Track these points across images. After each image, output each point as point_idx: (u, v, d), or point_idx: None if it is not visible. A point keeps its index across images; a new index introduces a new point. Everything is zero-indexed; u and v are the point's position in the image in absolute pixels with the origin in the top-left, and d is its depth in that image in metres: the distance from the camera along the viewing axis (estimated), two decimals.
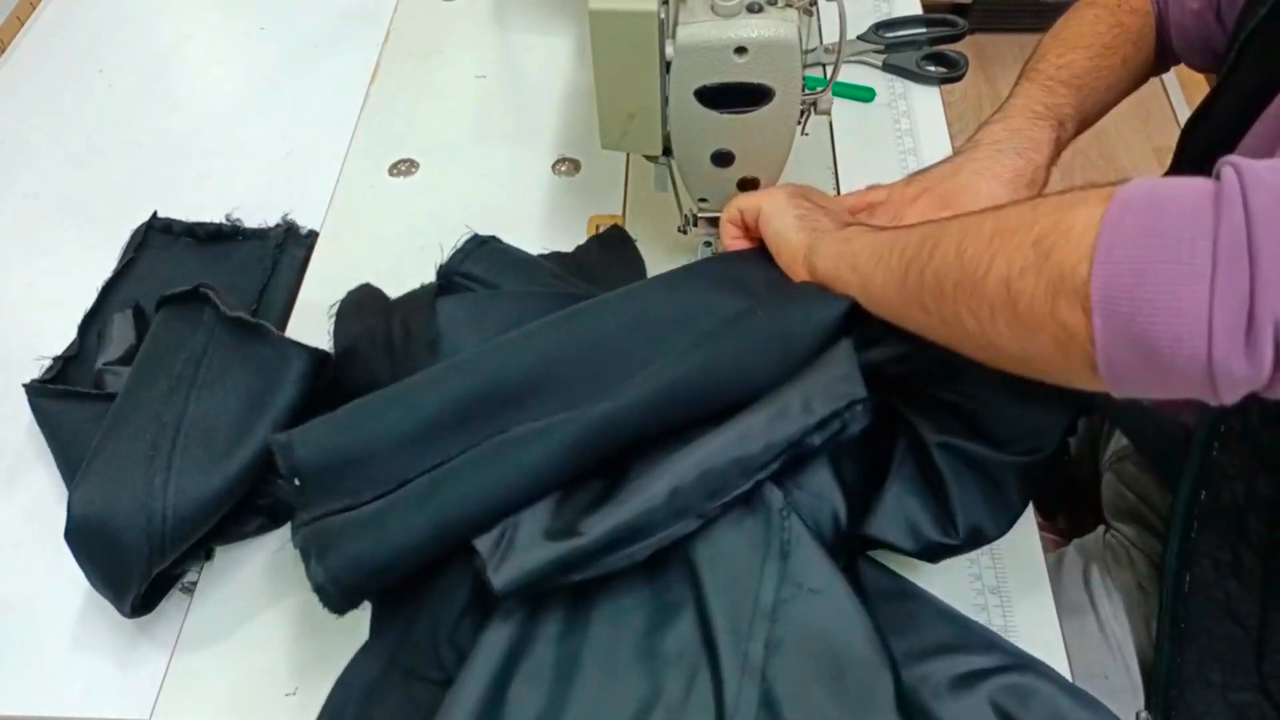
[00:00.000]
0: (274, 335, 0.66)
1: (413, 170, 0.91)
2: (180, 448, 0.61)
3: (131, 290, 0.81)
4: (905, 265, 0.54)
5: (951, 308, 0.51)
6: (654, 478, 0.56)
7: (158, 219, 0.86)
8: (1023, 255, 0.46)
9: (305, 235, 0.85)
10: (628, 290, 0.65)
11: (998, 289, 0.48)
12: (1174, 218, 0.42)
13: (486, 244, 0.74)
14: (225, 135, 0.95)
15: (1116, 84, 0.85)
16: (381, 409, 0.59)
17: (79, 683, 0.63)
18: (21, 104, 0.98)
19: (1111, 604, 0.79)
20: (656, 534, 0.55)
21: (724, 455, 0.56)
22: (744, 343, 0.60)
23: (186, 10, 1.09)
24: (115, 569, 0.60)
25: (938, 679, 0.57)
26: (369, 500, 0.57)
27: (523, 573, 0.54)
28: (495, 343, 0.62)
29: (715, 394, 0.59)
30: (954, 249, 0.51)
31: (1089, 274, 0.43)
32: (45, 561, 0.67)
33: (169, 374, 0.65)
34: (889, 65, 0.97)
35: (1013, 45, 2.21)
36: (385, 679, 0.58)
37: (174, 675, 0.63)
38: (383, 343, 0.66)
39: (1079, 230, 0.44)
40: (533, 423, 0.58)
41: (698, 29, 0.60)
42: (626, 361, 0.60)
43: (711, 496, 0.56)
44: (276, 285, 0.81)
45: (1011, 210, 0.50)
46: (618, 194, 0.88)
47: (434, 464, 0.57)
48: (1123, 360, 0.43)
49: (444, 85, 0.98)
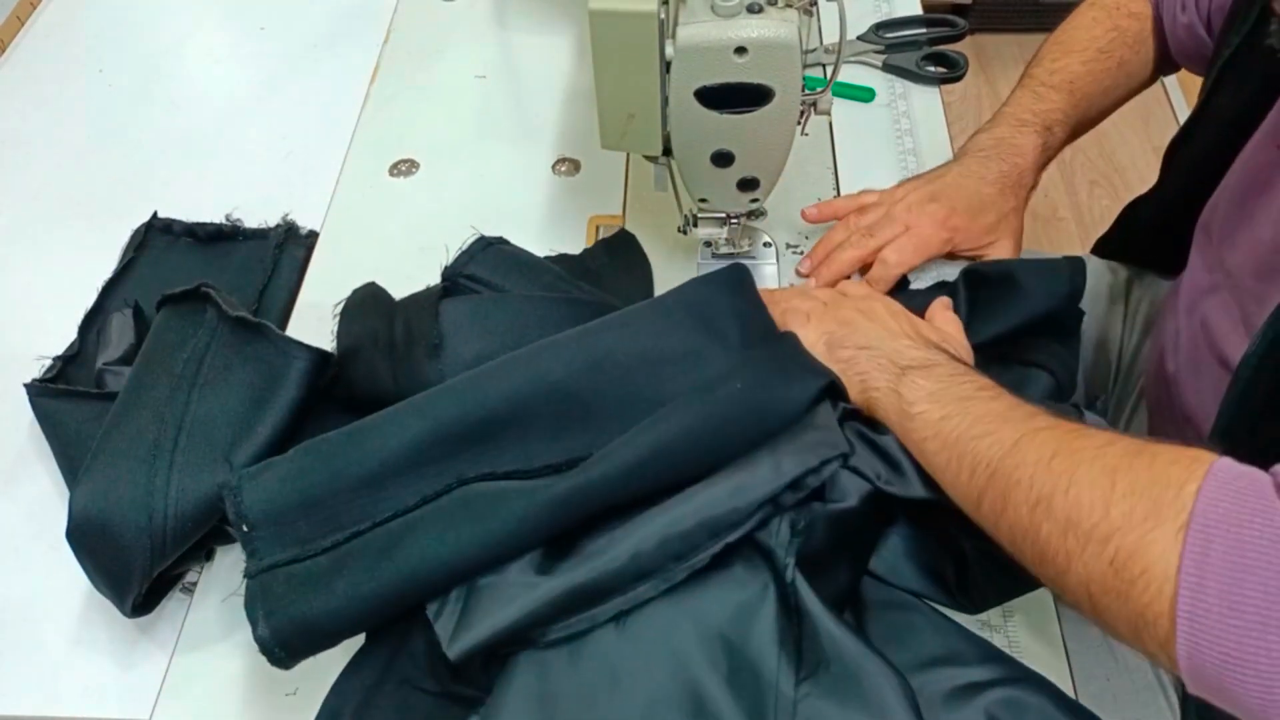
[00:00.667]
0: (276, 334, 0.65)
1: (413, 170, 0.91)
2: (182, 446, 0.61)
3: (132, 290, 0.81)
4: (978, 495, 0.54)
5: (1032, 563, 0.52)
6: (616, 540, 0.55)
7: (158, 219, 0.86)
8: (1101, 573, 0.46)
9: (305, 235, 0.85)
10: (595, 326, 0.64)
11: (1079, 592, 0.48)
12: (1256, 596, 0.41)
13: (492, 246, 0.74)
14: (225, 135, 0.95)
15: (1113, 87, 0.85)
16: (334, 452, 0.57)
17: (79, 683, 0.63)
18: (21, 104, 0.98)
19: None
20: (616, 596, 0.54)
21: (690, 519, 0.55)
22: (720, 419, 0.58)
23: (186, 10, 1.09)
24: (116, 568, 0.60)
25: (934, 690, 0.56)
26: (319, 552, 0.55)
27: (477, 641, 0.53)
28: (453, 383, 0.60)
29: (687, 468, 0.58)
30: (1027, 518, 0.50)
31: (1172, 634, 0.43)
32: (45, 561, 0.67)
33: (171, 373, 0.65)
34: (889, 65, 0.97)
35: (1013, 45, 2.21)
36: (380, 686, 0.57)
37: (174, 675, 0.63)
38: (385, 344, 0.66)
39: (1158, 576, 0.44)
40: (496, 483, 0.57)
41: (698, 29, 0.60)
42: (586, 407, 0.60)
43: (676, 559, 0.54)
44: (277, 285, 0.81)
45: (1084, 482, 0.48)
46: (618, 194, 0.88)
47: (390, 512, 0.56)
48: (1213, 697, 0.44)
49: (444, 85, 0.98)
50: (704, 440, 0.58)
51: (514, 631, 0.53)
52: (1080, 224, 1.94)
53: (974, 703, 0.56)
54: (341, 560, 0.55)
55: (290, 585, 0.54)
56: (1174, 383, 0.77)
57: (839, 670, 0.53)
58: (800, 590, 0.55)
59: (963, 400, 0.57)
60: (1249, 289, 0.68)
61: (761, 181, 0.70)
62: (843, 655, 0.53)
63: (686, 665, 0.53)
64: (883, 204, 0.79)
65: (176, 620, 0.65)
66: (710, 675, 0.53)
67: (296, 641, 0.54)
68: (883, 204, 0.79)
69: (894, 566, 0.63)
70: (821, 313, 0.67)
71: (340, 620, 0.55)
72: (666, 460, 0.57)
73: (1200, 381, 0.74)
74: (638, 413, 0.59)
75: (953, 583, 0.62)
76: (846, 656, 0.53)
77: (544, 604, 0.53)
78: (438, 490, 0.57)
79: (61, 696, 0.63)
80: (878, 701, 0.51)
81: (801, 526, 0.56)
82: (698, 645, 0.54)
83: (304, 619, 0.54)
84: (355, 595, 0.54)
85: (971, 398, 0.57)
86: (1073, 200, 1.99)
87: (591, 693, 0.53)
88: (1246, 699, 0.42)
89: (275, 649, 0.53)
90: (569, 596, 0.54)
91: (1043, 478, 0.50)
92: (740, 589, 0.55)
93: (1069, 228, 1.94)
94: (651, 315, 0.65)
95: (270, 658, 0.54)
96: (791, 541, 0.55)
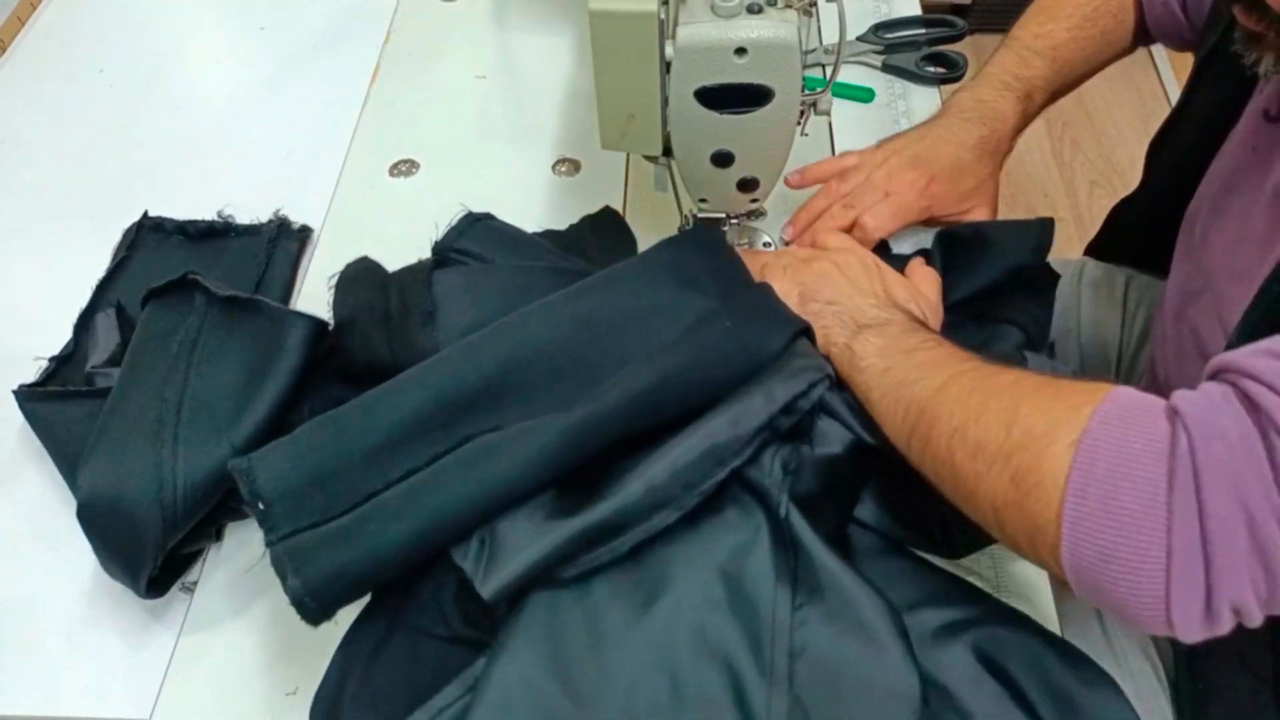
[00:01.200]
0: (270, 306, 0.66)
1: (413, 170, 0.91)
2: (185, 420, 0.62)
3: (125, 289, 0.81)
4: (909, 432, 0.58)
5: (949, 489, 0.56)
6: (629, 479, 0.56)
7: (149, 218, 0.86)
8: (1004, 489, 0.50)
9: (298, 230, 0.85)
10: (576, 289, 0.65)
11: (986, 509, 0.52)
12: (1131, 502, 0.46)
13: (480, 221, 0.75)
14: (225, 135, 0.95)
15: (1094, 55, 0.86)
16: (341, 426, 0.59)
17: (79, 683, 0.63)
18: (21, 104, 0.98)
19: None
20: (634, 528, 0.56)
21: (695, 450, 0.57)
22: (711, 352, 0.61)
23: (186, 10, 1.09)
24: (129, 544, 0.61)
25: (921, 629, 0.58)
26: (337, 515, 0.56)
27: (509, 579, 0.54)
28: (450, 351, 0.62)
29: (685, 399, 0.60)
30: (945, 446, 0.54)
31: (1058, 538, 0.47)
32: (45, 561, 0.67)
33: (166, 355, 0.65)
34: (888, 66, 0.97)
35: None
36: (390, 637, 0.58)
37: (174, 675, 0.63)
38: (380, 315, 0.67)
39: (1049, 486, 0.48)
40: (505, 429, 0.58)
41: (698, 29, 0.60)
42: (580, 364, 0.61)
43: (687, 488, 0.56)
44: (271, 280, 0.81)
45: (994, 410, 0.52)
46: (618, 194, 0.88)
47: (399, 475, 0.57)
48: (1091, 597, 0.49)
49: (444, 85, 0.98)
50: (700, 369, 0.60)
51: (542, 567, 0.55)
52: (1080, 224, 1.95)
53: (960, 639, 0.58)
54: (365, 516, 0.56)
55: (315, 541, 0.56)
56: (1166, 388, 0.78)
57: (833, 598, 0.55)
58: (794, 524, 0.57)
59: (906, 353, 0.60)
60: (1223, 291, 0.68)
61: (761, 182, 0.70)
62: (837, 584, 0.55)
63: (689, 600, 0.55)
64: (863, 168, 0.80)
65: (176, 621, 0.65)
66: (711, 609, 0.55)
67: (326, 591, 0.55)
68: (863, 168, 0.80)
69: (878, 517, 0.65)
70: (797, 266, 0.70)
71: (367, 567, 0.56)
72: (667, 389, 0.59)
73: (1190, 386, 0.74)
74: (629, 363, 0.61)
75: (937, 531, 0.64)
76: (840, 585, 0.55)
77: (568, 540, 0.55)
78: (448, 447, 0.58)
79: (61, 696, 0.63)
80: (869, 626, 0.54)
81: (793, 467, 0.59)
82: (699, 582, 0.56)
83: (333, 568, 0.55)
84: (381, 543, 0.55)
85: (914, 349, 0.60)
86: (1072, 200, 1.99)
87: (599, 628, 0.55)
88: (1115, 592, 0.46)
89: (306, 599, 0.55)
90: (591, 531, 0.55)
91: (960, 410, 0.54)
92: (736, 531, 0.58)
93: (1069, 228, 1.94)
94: (631, 274, 0.67)
95: (300, 609, 0.55)
96: (784, 480, 0.58)
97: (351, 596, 0.57)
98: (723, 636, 0.54)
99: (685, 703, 0.53)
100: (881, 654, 0.53)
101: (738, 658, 0.54)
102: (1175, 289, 0.77)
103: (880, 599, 0.55)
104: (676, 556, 0.57)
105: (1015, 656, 0.57)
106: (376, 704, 0.56)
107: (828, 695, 0.52)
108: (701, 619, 0.55)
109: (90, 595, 0.65)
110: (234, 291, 0.66)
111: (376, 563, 0.56)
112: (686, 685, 0.53)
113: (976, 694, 0.56)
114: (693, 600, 0.55)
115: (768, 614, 0.55)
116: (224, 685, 0.62)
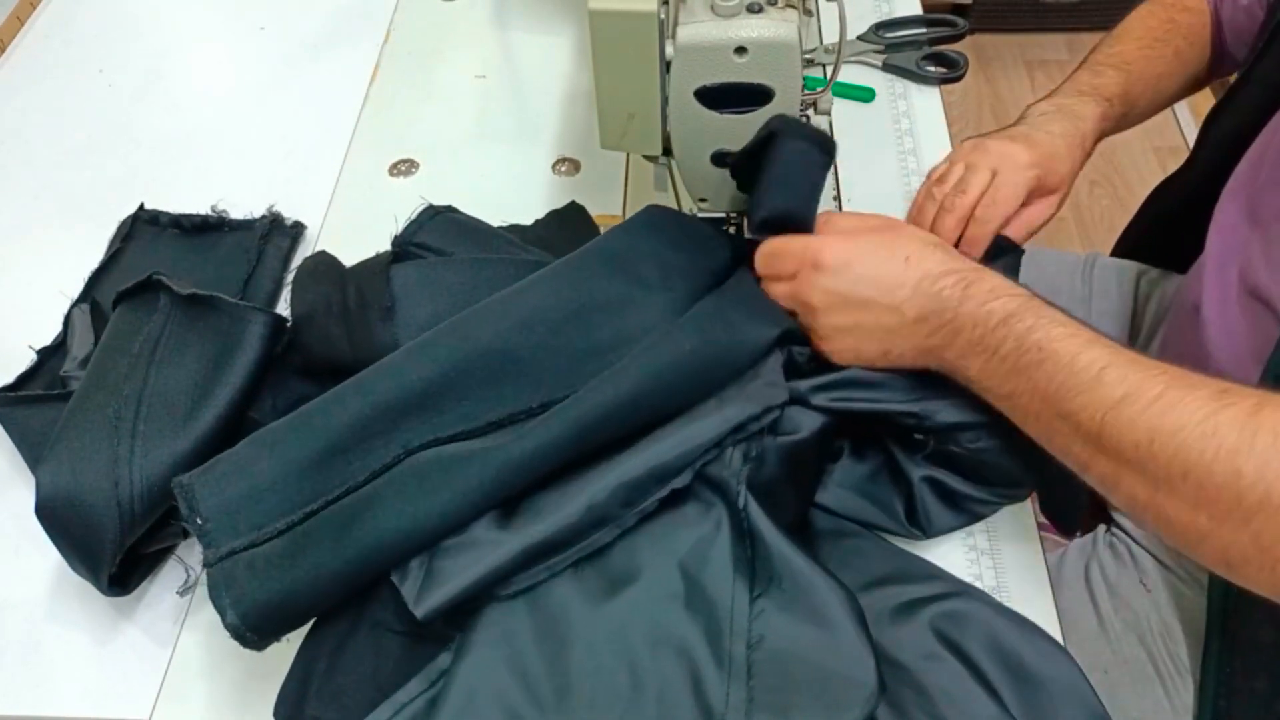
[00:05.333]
0: (228, 303, 0.66)
1: (413, 170, 0.91)
2: (143, 416, 0.62)
3: (118, 281, 0.80)
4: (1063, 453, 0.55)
5: (1156, 531, 0.53)
6: (570, 497, 0.57)
7: (144, 211, 0.86)
8: (1243, 546, 0.48)
9: (290, 226, 0.85)
10: (516, 288, 0.65)
11: (1215, 559, 0.50)
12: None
13: (441, 214, 0.75)
14: (225, 135, 0.95)
15: (1168, 73, 0.86)
16: (279, 439, 0.58)
17: (79, 683, 0.63)
18: (21, 104, 0.98)
19: (1112, 602, 0.79)
20: (572, 546, 0.56)
21: (640, 469, 0.57)
22: (670, 383, 0.60)
23: (186, 10, 1.09)
24: (88, 541, 0.60)
25: (880, 607, 0.59)
26: (275, 535, 0.56)
27: (444, 600, 0.55)
28: (389, 360, 0.61)
29: (635, 427, 0.60)
30: (1149, 499, 0.51)
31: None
32: (45, 562, 0.67)
33: (128, 354, 0.65)
34: (889, 65, 0.97)
35: (1013, 45, 2.21)
36: (353, 632, 0.58)
37: (174, 675, 0.63)
38: (339, 310, 0.67)
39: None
40: (442, 448, 0.58)
41: (698, 29, 0.60)
42: (519, 365, 0.61)
43: (626, 506, 0.57)
44: (261, 275, 0.81)
45: (1209, 471, 0.48)
46: (618, 194, 0.88)
47: (340, 490, 0.57)
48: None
49: (444, 85, 0.98)
50: (651, 402, 0.60)
51: (478, 588, 0.55)
52: (1080, 224, 1.95)
53: (918, 616, 0.59)
54: (299, 542, 0.56)
55: (252, 571, 0.55)
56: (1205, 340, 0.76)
57: (790, 586, 0.55)
58: (752, 513, 0.57)
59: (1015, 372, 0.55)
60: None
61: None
62: (794, 572, 0.56)
63: (649, 594, 0.56)
64: (959, 160, 0.74)
65: (176, 620, 0.65)
66: (669, 601, 0.56)
67: (265, 624, 0.55)
68: (959, 160, 0.74)
69: (842, 500, 0.65)
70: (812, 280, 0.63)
71: (306, 599, 0.56)
72: (615, 422, 0.59)
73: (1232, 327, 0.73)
74: (571, 363, 0.62)
75: (901, 512, 0.64)
76: (797, 574, 0.56)
77: (505, 561, 0.55)
78: (386, 463, 0.58)
79: (61, 697, 0.63)
80: (826, 614, 0.54)
81: (754, 454, 0.58)
82: (659, 576, 0.57)
83: (270, 602, 0.55)
84: (318, 574, 0.55)
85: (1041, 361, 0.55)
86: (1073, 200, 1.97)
87: (558, 623, 0.55)
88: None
89: (246, 634, 0.54)
90: (529, 552, 0.55)
91: (1151, 464, 0.50)
92: (695, 526, 0.58)
93: (1069, 228, 1.94)
94: (570, 269, 0.66)
95: (242, 642, 0.55)
96: (743, 467, 0.58)
97: (291, 627, 0.57)
98: (681, 629, 0.55)
99: (645, 695, 0.53)
100: (838, 642, 0.53)
101: (696, 649, 0.54)
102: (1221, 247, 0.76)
103: (839, 586, 0.55)
104: (637, 552, 0.57)
105: (972, 632, 0.58)
106: (341, 699, 0.56)
107: (785, 684, 0.53)
108: (660, 612, 0.55)
109: (90, 596, 0.65)
110: (194, 290, 0.67)
111: (313, 594, 0.56)
112: (646, 678, 0.53)
113: (934, 670, 0.57)
114: (652, 594, 0.56)
115: (725, 605, 0.55)
116: (223, 685, 0.62)
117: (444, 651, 0.57)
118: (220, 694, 0.62)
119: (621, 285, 0.65)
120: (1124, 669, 0.76)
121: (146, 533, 0.62)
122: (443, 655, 0.56)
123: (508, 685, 0.54)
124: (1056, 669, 0.57)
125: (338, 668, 0.57)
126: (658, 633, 0.55)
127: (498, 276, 0.67)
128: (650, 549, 0.58)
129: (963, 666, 0.57)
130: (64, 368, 0.73)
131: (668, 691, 0.53)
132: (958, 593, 0.60)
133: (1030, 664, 0.57)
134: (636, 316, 0.64)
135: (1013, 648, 0.57)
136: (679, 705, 0.53)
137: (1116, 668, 0.76)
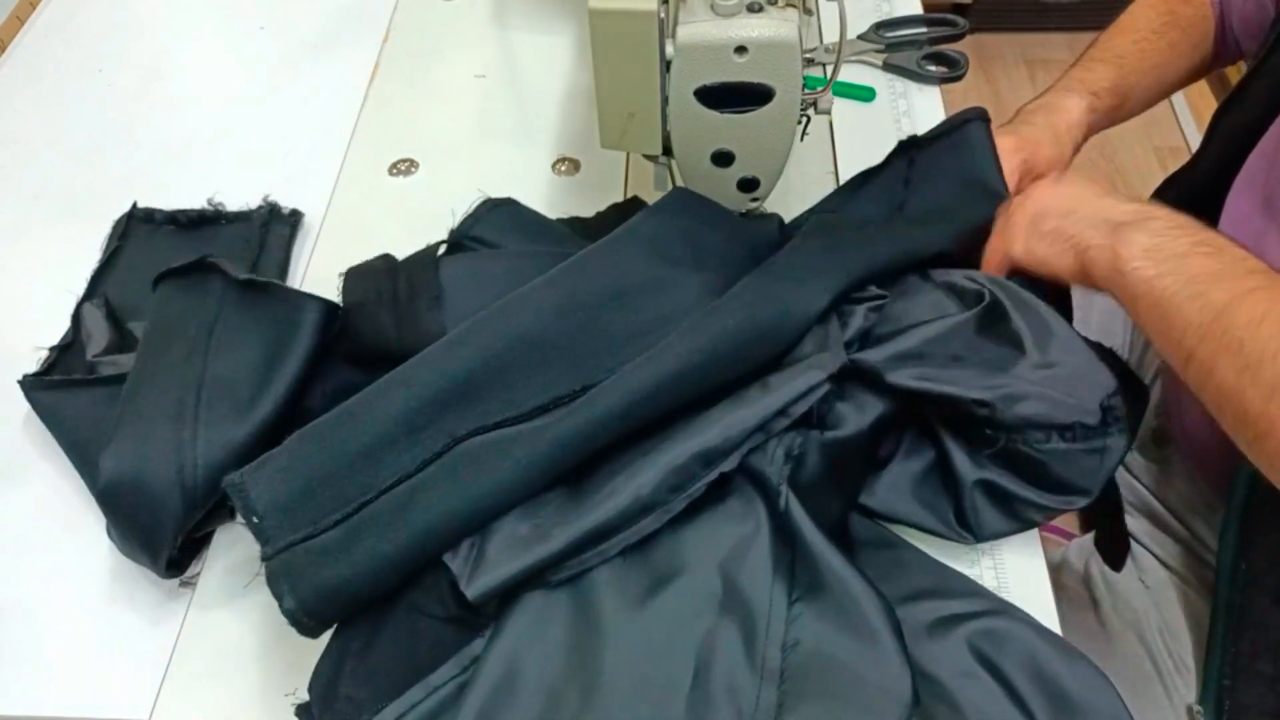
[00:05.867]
0: (284, 289, 0.68)
1: (413, 170, 0.91)
2: (205, 401, 0.63)
3: (119, 279, 0.81)
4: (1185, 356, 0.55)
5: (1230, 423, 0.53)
6: (619, 484, 0.57)
7: (138, 209, 0.86)
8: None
9: (288, 214, 0.85)
10: (554, 274, 0.65)
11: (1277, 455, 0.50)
12: None
13: (499, 207, 0.75)
14: (225, 134, 0.95)
15: (1162, 64, 0.86)
16: (328, 434, 0.59)
17: (79, 683, 0.63)
18: (21, 104, 0.98)
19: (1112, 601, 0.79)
20: (623, 532, 0.57)
21: (685, 453, 0.57)
22: (725, 346, 0.60)
23: (186, 10, 1.09)
24: (150, 524, 0.61)
25: (917, 621, 0.58)
26: (331, 526, 0.57)
27: (496, 582, 0.55)
28: (430, 350, 0.62)
29: (685, 400, 0.60)
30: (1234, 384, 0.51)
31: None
32: (45, 561, 0.67)
33: (184, 339, 0.66)
34: (889, 65, 0.97)
35: (1013, 45, 2.21)
36: (390, 615, 0.59)
37: (174, 675, 0.63)
38: (389, 299, 0.67)
39: None
40: (497, 432, 0.59)
41: (698, 29, 0.60)
42: (560, 350, 0.62)
43: (674, 491, 0.57)
44: (266, 264, 0.81)
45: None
46: (618, 194, 0.88)
47: (391, 480, 0.58)
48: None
49: (444, 85, 0.98)
50: (697, 378, 0.60)
51: (529, 572, 0.56)
52: None
53: (956, 632, 0.58)
54: (354, 530, 0.57)
55: (310, 559, 0.56)
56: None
57: (829, 593, 0.55)
58: (794, 515, 0.57)
59: (1179, 257, 0.56)
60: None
61: (761, 181, 0.70)
62: (834, 579, 0.55)
63: (687, 591, 0.56)
64: None
65: (176, 620, 0.65)
66: (707, 600, 0.55)
67: (323, 609, 0.56)
68: None
69: (890, 502, 0.65)
70: (1020, 203, 0.66)
71: (362, 585, 0.56)
72: (662, 398, 0.59)
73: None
74: (611, 345, 0.62)
75: (951, 514, 0.63)
76: (837, 580, 0.55)
77: (555, 552, 0.55)
78: (435, 452, 0.59)
79: (61, 697, 0.63)
80: (865, 622, 0.54)
81: (796, 453, 0.58)
82: (698, 574, 0.56)
83: (328, 586, 0.55)
84: (374, 558, 0.56)
85: (1187, 254, 0.56)
86: None
87: (593, 617, 0.56)
88: None
89: (304, 619, 0.55)
90: (579, 540, 0.56)
91: (1252, 342, 0.51)
92: (737, 523, 0.58)
93: None
94: (605, 253, 0.67)
95: (299, 628, 0.56)
96: (786, 466, 0.58)
97: (347, 612, 0.58)
98: (716, 632, 0.54)
99: (675, 693, 0.53)
100: (875, 651, 0.53)
101: (730, 651, 0.54)
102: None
103: (877, 596, 0.55)
104: (681, 548, 0.57)
105: (1010, 651, 0.57)
106: (375, 678, 0.57)
107: (819, 690, 0.53)
108: (696, 618, 0.55)
109: (90, 596, 0.65)
110: (251, 275, 0.67)
111: (369, 578, 0.56)
112: (677, 676, 0.53)
113: (969, 687, 0.56)
114: (690, 596, 0.56)
115: (763, 607, 0.55)
116: (223, 685, 0.62)
117: (478, 638, 0.57)
118: (220, 694, 0.62)
119: (655, 266, 0.65)
120: (1123, 667, 0.76)
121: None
122: (476, 641, 0.57)
123: (540, 671, 0.54)
124: (1097, 696, 0.55)
125: (373, 649, 0.58)
126: (692, 638, 0.55)
127: (545, 269, 0.68)
128: (695, 548, 0.57)
129: (999, 686, 0.56)
130: (90, 353, 0.74)
131: (698, 691, 0.53)
132: (998, 611, 0.59)
133: (1070, 689, 0.55)
134: (674, 297, 0.64)
135: (1052, 671, 0.56)
136: (709, 706, 0.52)
137: (1116, 666, 0.76)
